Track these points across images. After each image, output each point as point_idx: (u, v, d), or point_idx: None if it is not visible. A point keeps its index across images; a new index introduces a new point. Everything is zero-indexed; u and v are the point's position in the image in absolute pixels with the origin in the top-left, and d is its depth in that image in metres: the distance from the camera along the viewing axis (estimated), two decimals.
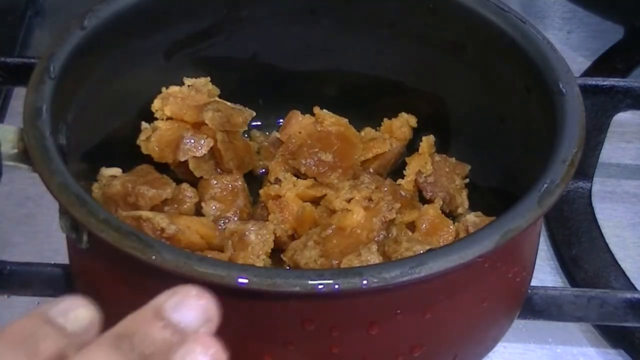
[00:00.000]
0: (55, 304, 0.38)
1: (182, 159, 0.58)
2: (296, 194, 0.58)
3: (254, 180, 0.62)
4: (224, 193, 0.59)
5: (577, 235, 0.66)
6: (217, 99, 0.62)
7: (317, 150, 0.61)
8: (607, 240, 0.66)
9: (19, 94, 0.75)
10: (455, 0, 0.57)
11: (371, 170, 0.62)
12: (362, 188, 0.57)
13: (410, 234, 0.57)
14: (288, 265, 0.56)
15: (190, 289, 0.36)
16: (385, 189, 0.57)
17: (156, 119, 0.60)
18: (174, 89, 0.60)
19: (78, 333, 0.38)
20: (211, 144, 0.58)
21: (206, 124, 0.58)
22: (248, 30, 0.61)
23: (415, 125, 0.63)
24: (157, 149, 0.59)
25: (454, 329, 0.48)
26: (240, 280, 0.41)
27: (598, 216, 0.67)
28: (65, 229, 0.47)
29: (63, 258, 0.54)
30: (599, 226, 0.67)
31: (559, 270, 0.66)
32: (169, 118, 0.59)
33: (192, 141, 0.58)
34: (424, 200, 0.61)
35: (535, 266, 0.54)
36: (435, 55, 0.60)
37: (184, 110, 0.59)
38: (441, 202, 0.60)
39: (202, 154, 0.58)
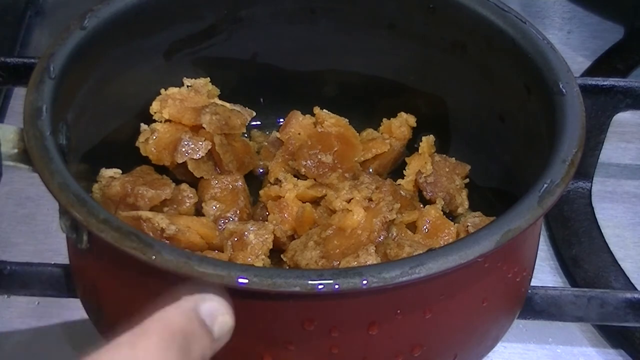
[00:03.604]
0: (203, 301, 0.37)
1: (180, 161, 0.58)
2: (296, 195, 0.58)
3: (254, 180, 0.62)
4: (224, 193, 0.59)
5: (577, 235, 0.66)
6: (216, 100, 0.62)
7: (317, 151, 0.61)
8: (607, 240, 0.66)
9: (19, 94, 0.76)
10: (455, 0, 0.57)
11: (371, 171, 0.62)
12: (362, 188, 0.57)
13: (410, 234, 0.57)
14: (288, 266, 0.56)
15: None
16: (385, 189, 0.57)
17: (155, 120, 0.60)
18: (172, 90, 0.60)
19: (220, 339, 0.37)
20: (209, 147, 0.58)
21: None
22: (248, 30, 0.61)
23: (414, 124, 0.63)
24: (154, 150, 0.59)
25: (454, 329, 0.48)
26: (240, 280, 0.41)
27: (598, 216, 0.67)
28: (65, 229, 0.47)
29: (63, 258, 0.54)
30: (599, 226, 0.67)
31: (559, 270, 0.66)
32: (167, 120, 0.59)
33: (190, 144, 0.58)
34: (424, 201, 0.61)
35: (535, 266, 0.54)
36: (435, 55, 0.60)
37: (183, 112, 0.59)
38: (442, 203, 0.60)
39: (200, 157, 0.58)
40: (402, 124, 0.63)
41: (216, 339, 0.37)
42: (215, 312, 0.38)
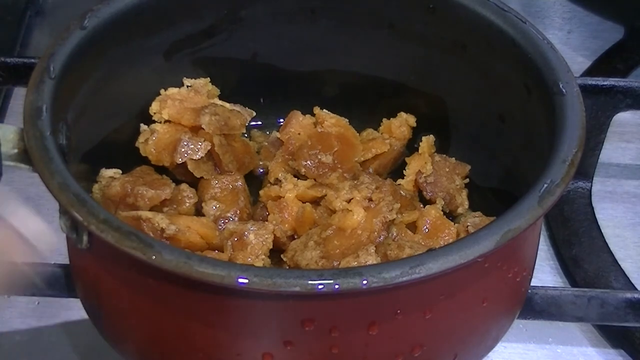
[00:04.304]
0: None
1: (179, 162, 0.58)
2: (296, 195, 0.58)
3: (254, 180, 0.62)
4: (224, 193, 0.59)
5: (577, 235, 0.66)
6: (216, 100, 0.62)
7: (317, 151, 0.61)
8: (607, 240, 0.66)
9: (19, 94, 0.76)
10: (455, 0, 0.57)
11: (371, 171, 0.62)
12: (362, 188, 0.57)
13: (410, 234, 0.57)
14: (288, 266, 0.56)
15: None
16: (385, 189, 0.57)
17: (155, 121, 0.60)
18: (172, 90, 0.60)
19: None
20: (209, 147, 0.58)
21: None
22: (248, 30, 0.61)
23: (414, 124, 0.63)
24: (154, 151, 0.59)
25: (454, 329, 0.48)
26: (240, 280, 0.41)
27: (598, 216, 0.67)
28: (65, 229, 0.47)
29: (63, 258, 0.54)
30: (599, 226, 0.67)
31: (559, 270, 0.66)
32: (167, 121, 0.59)
33: (190, 144, 0.58)
34: (424, 201, 0.61)
35: (535, 266, 0.54)
36: (435, 55, 0.60)
37: (182, 113, 0.59)
38: (442, 203, 0.60)
39: (199, 157, 0.58)
40: (402, 124, 0.63)
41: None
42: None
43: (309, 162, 0.60)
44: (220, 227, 0.57)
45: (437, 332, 0.47)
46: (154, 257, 0.42)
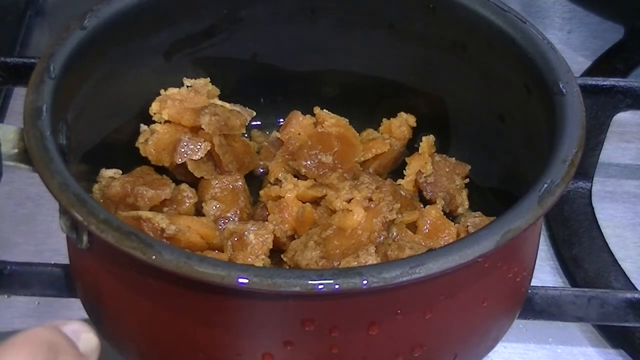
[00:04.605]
0: (65, 325, 0.39)
1: (179, 162, 0.58)
2: (296, 195, 0.58)
3: (254, 180, 0.62)
4: (225, 193, 0.59)
5: (577, 235, 0.66)
6: (216, 100, 0.62)
7: (317, 151, 0.61)
8: (607, 240, 0.66)
9: (19, 94, 0.76)
10: (455, 0, 0.57)
11: (371, 171, 0.62)
12: (362, 188, 0.57)
13: (411, 234, 0.57)
14: (288, 266, 0.56)
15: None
16: (385, 189, 0.57)
17: (155, 121, 0.60)
18: (172, 90, 0.60)
19: (86, 355, 0.39)
20: (208, 147, 0.58)
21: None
22: (248, 30, 0.61)
23: (414, 124, 0.63)
24: (154, 151, 0.59)
25: (454, 329, 0.48)
26: (240, 280, 0.41)
27: (598, 216, 0.67)
28: (65, 229, 0.47)
29: (63, 258, 0.54)
30: (599, 226, 0.67)
31: (559, 270, 0.66)
32: (167, 121, 0.59)
33: (190, 144, 0.58)
34: (424, 201, 0.61)
35: (535, 266, 0.54)
36: (435, 55, 0.60)
37: (182, 113, 0.59)
38: (442, 203, 0.60)
39: (199, 157, 0.58)
40: (402, 124, 0.63)
41: (82, 354, 0.39)
42: (78, 330, 0.41)
43: (309, 162, 0.60)
44: (220, 227, 0.57)
45: (437, 332, 0.47)
46: (154, 257, 0.42)
